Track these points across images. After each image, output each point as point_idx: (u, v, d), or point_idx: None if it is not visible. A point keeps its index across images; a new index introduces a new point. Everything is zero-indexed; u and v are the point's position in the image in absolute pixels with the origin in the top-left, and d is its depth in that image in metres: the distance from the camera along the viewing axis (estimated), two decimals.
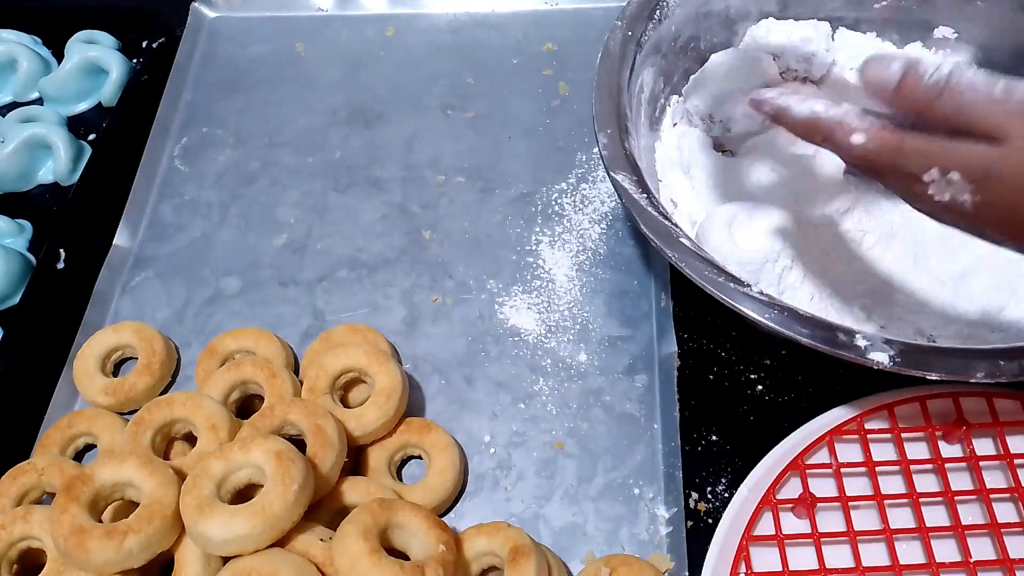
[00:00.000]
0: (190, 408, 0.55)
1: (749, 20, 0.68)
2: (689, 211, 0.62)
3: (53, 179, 0.75)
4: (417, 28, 0.84)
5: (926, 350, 0.48)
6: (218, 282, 0.68)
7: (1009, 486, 0.50)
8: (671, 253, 0.51)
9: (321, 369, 0.58)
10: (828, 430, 0.53)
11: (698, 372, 0.60)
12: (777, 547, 0.49)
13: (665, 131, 0.67)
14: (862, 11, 0.69)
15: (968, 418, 0.52)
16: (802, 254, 0.56)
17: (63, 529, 0.47)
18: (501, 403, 0.61)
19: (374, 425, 0.56)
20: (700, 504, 0.55)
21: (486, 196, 0.72)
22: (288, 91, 0.80)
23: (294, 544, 0.49)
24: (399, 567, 0.46)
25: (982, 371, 0.46)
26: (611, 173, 0.55)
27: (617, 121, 0.57)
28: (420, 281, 0.68)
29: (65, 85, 0.79)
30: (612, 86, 0.59)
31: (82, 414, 0.59)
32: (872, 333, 0.48)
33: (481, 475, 0.58)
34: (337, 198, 0.73)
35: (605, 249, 0.68)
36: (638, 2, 0.63)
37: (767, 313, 0.48)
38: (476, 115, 0.77)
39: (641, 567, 0.51)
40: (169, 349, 0.64)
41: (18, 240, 0.71)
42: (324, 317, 0.66)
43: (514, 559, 0.49)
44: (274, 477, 0.48)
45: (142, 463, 0.50)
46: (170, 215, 0.73)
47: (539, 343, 0.64)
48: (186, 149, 0.77)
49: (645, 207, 0.53)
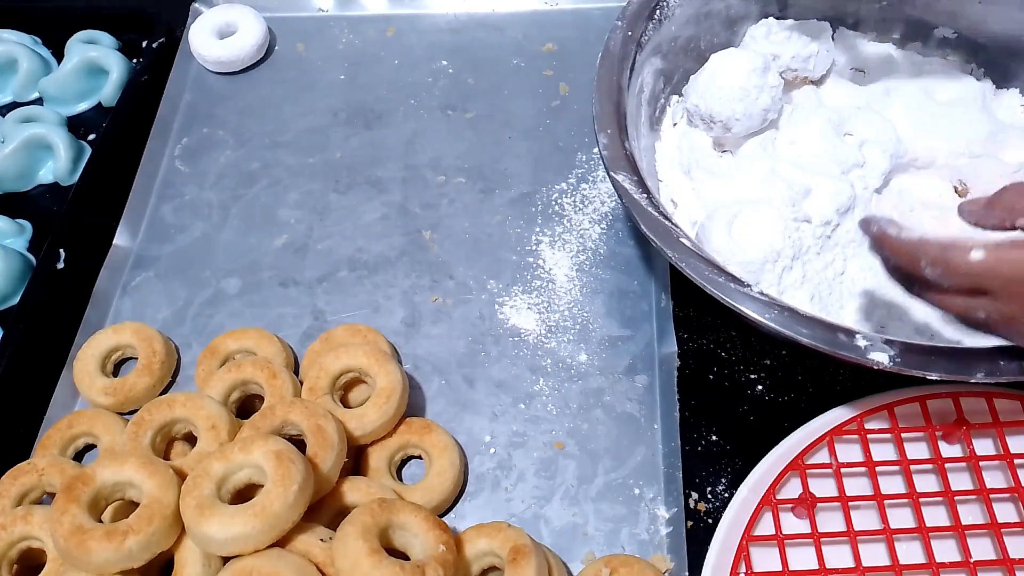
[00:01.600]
0: (190, 408, 0.55)
1: (749, 20, 0.68)
2: (689, 211, 0.62)
3: (53, 179, 0.75)
4: (417, 28, 0.84)
5: (926, 350, 0.48)
6: (218, 282, 0.68)
7: (1009, 486, 0.51)
8: (671, 253, 0.51)
9: (321, 369, 0.58)
10: (828, 430, 0.53)
11: (698, 372, 0.61)
12: (777, 547, 0.49)
13: (665, 131, 0.67)
14: (862, 11, 0.69)
15: (968, 418, 0.52)
16: (802, 254, 0.56)
17: (63, 529, 0.47)
18: (501, 403, 0.61)
19: (374, 425, 0.56)
20: (700, 504, 0.55)
21: (486, 196, 0.72)
22: (288, 91, 0.80)
23: (294, 544, 0.49)
24: (399, 567, 0.46)
25: (982, 371, 0.46)
26: (611, 173, 0.55)
27: (617, 121, 0.57)
28: (420, 281, 0.68)
29: (65, 85, 0.79)
30: (612, 86, 0.59)
31: (82, 414, 0.59)
32: (872, 333, 0.48)
33: (481, 475, 0.58)
34: (337, 198, 0.73)
35: (605, 249, 0.68)
36: (638, 2, 0.63)
37: (767, 313, 0.49)
38: (476, 115, 0.77)
39: (641, 567, 0.51)
40: (169, 349, 0.64)
41: (18, 240, 0.71)
42: (324, 317, 0.66)
43: (514, 559, 0.49)
44: (274, 477, 0.48)
45: (142, 463, 0.50)
46: (170, 215, 0.73)
47: (539, 343, 0.64)
48: (186, 149, 0.77)
49: (645, 207, 0.53)
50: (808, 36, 0.65)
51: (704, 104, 0.60)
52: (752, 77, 0.59)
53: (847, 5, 0.69)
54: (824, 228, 0.57)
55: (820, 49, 0.65)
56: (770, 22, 0.66)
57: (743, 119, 0.60)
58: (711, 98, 0.60)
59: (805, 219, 0.57)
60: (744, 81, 0.59)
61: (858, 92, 0.67)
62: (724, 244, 0.55)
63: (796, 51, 0.64)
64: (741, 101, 0.60)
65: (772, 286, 0.55)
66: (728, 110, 0.60)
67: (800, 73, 0.65)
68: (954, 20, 0.68)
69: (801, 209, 0.57)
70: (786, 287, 0.55)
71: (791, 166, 0.60)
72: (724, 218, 0.56)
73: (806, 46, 0.64)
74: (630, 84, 0.60)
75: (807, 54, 0.64)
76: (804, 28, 0.66)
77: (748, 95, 0.60)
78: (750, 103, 0.60)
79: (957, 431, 0.52)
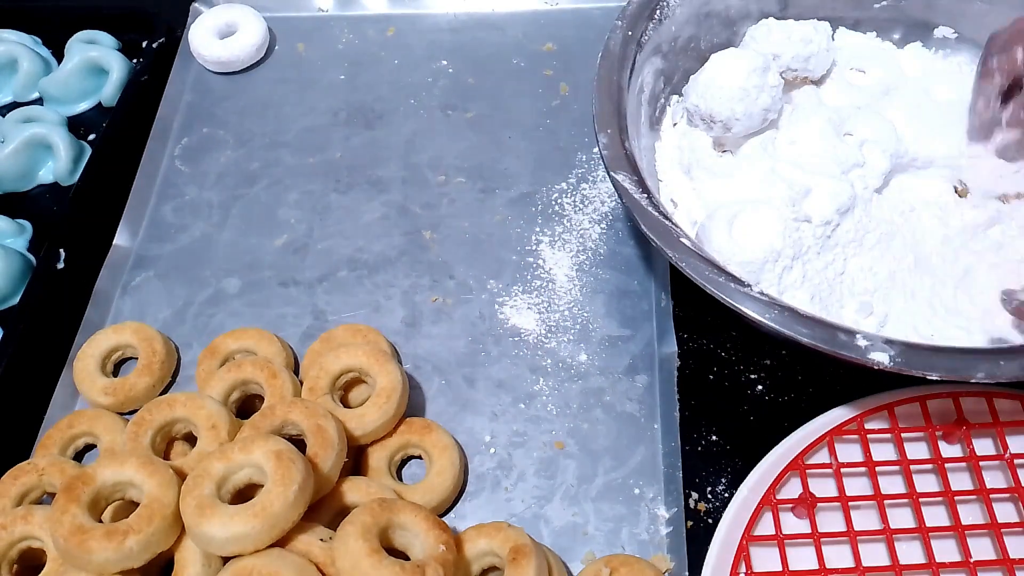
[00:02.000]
0: (190, 408, 0.55)
1: (749, 20, 0.68)
2: (689, 211, 0.62)
3: (53, 179, 0.75)
4: (417, 28, 0.84)
5: (927, 350, 0.48)
6: (219, 282, 0.68)
7: (1009, 486, 0.51)
8: (672, 253, 0.51)
9: (322, 369, 0.58)
10: (828, 430, 0.53)
11: (698, 372, 0.61)
12: (777, 547, 0.49)
13: (665, 131, 0.67)
14: (862, 11, 0.69)
15: (968, 418, 0.52)
16: (802, 254, 0.56)
17: (63, 529, 0.47)
18: (501, 403, 0.61)
19: (374, 425, 0.56)
20: (700, 504, 0.55)
21: (486, 196, 0.72)
22: (288, 91, 0.80)
23: (294, 544, 0.49)
24: (399, 567, 0.46)
25: (982, 371, 0.46)
26: (611, 173, 0.55)
27: (617, 121, 0.57)
28: (421, 281, 0.68)
29: (65, 85, 0.79)
30: (612, 86, 0.59)
31: (82, 414, 0.59)
32: (872, 333, 0.48)
33: (481, 475, 0.58)
34: (338, 198, 0.73)
35: (605, 249, 0.68)
36: (638, 2, 0.63)
37: (768, 313, 0.49)
38: (476, 115, 0.77)
39: (641, 567, 0.51)
40: (169, 349, 0.64)
41: (18, 240, 0.71)
42: (325, 317, 0.66)
43: (514, 559, 0.49)
44: (274, 477, 0.48)
45: (142, 463, 0.50)
46: (170, 215, 0.73)
47: (539, 343, 0.64)
48: (186, 149, 0.77)
49: (646, 207, 0.53)
50: (808, 36, 0.65)
51: (704, 104, 0.60)
52: (752, 77, 0.59)
53: (847, 6, 0.69)
54: (824, 228, 0.57)
55: (820, 49, 0.65)
56: (770, 22, 0.66)
57: (743, 119, 0.60)
58: (711, 98, 0.60)
59: (805, 219, 0.57)
60: (744, 81, 0.59)
61: (858, 92, 0.67)
62: (724, 244, 0.55)
63: (796, 51, 0.64)
64: (741, 101, 0.60)
65: (772, 286, 0.55)
66: (728, 110, 0.60)
67: (800, 73, 0.65)
68: (954, 20, 0.68)
69: (801, 209, 0.57)
70: (786, 287, 0.55)
71: (791, 166, 0.60)
72: (724, 218, 0.56)
73: (806, 46, 0.64)
74: (630, 84, 0.60)
75: (807, 54, 0.64)
76: (804, 28, 0.66)
77: (748, 95, 0.60)
78: (750, 103, 0.60)
79: (957, 431, 0.52)
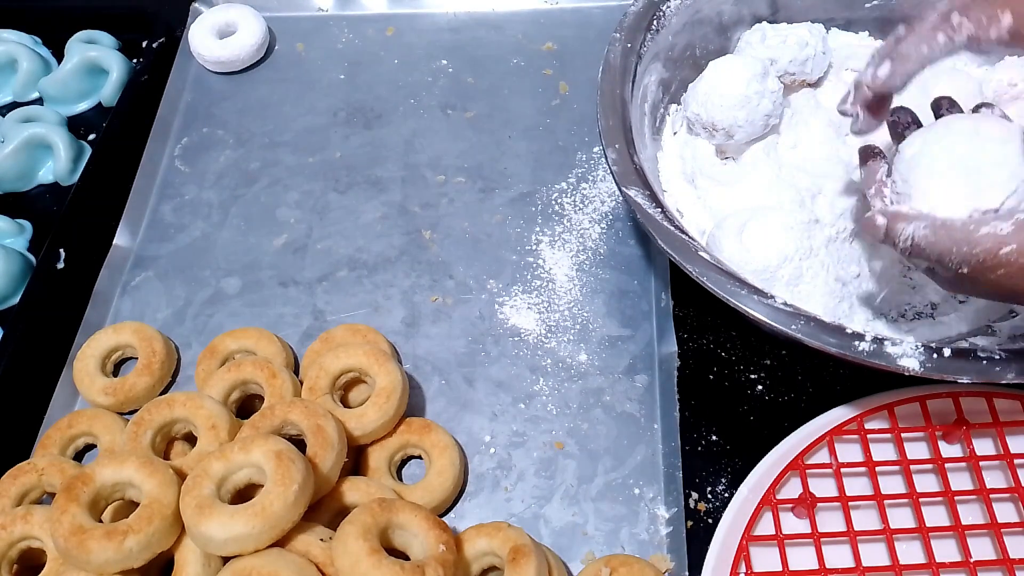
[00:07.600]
0: (190, 408, 0.55)
1: (742, 25, 0.67)
2: (696, 220, 0.62)
3: (53, 179, 0.75)
4: (417, 28, 0.84)
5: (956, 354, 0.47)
6: (218, 282, 0.68)
7: (1009, 486, 0.51)
8: (692, 268, 0.51)
9: (321, 369, 0.58)
10: (828, 430, 0.53)
11: (698, 372, 0.60)
12: (777, 547, 0.49)
13: (667, 140, 0.67)
14: (853, 11, 0.69)
15: (968, 418, 0.52)
16: (813, 257, 0.56)
17: (63, 529, 0.47)
18: (501, 403, 0.61)
19: (374, 425, 0.56)
20: (700, 504, 0.55)
21: (486, 196, 0.72)
22: (288, 91, 0.80)
23: (294, 544, 0.49)
24: (399, 567, 0.46)
25: (1012, 372, 0.46)
26: (623, 189, 0.54)
27: (624, 135, 0.57)
28: (420, 281, 0.68)
29: (65, 85, 0.79)
30: (616, 100, 0.59)
31: (82, 414, 0.59)
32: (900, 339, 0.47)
33: (481, 475, 0.58)
34: (337, 198, 0.73)
35: (605, 249, 0.68)
36: (636, 13, 0.63)
37: (793, 324, 0.48)
38: (476, 115, 0.77)
39: (641, 567, 0.51)
40: (169, 349, 0.64)
41: (18, 240, 0.71)
42: (324, 317, 0.66)
43: (514, 559, 0.49)
44: (274, 477, 0.48)
45: (142, 463, 0.50)
46: (170, 215, 0.73)
47: (539, 343, 0.64)
48: (186, 149, 0.77)
49: (661, 222, 0.53)
50: (804, 39, 0.65)
51: (705, 112, 0.60)
52: (753, 83, 0.59)
53: (838, 7, 0.69)
54: (834, 229, 0.57)
55: (816, 52, 0.65)
56: (764, 27, 0.66)
57: (745, 126, 0.60)
58: (712, 106, 0.60)
59: (814, 222, 0.57)
60: (745, 88, 0.59)
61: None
62: (736, 252, 0.54)
63: (793, 55, 0.64)
64: (743, 108, 0.59)
65: (787, 292, 0.55)
66: (730, 118, 0.60)
67: (798, 76, 0.65)
68: None
69: (810, 212, 0.57)
70: (800, 292, 0.55)
71: (796, 170, 0.60)
72: (733, 226, 0.56)
73: (802, 49, 0.64)
74: (633, 96, 0.60)
75: (804, 57, 0.64)
76: (798, 31, 0.65)
77: (750, 102, 0.59)
78: (752, 109, 0.60)
79: (957, 431, 0.52)
